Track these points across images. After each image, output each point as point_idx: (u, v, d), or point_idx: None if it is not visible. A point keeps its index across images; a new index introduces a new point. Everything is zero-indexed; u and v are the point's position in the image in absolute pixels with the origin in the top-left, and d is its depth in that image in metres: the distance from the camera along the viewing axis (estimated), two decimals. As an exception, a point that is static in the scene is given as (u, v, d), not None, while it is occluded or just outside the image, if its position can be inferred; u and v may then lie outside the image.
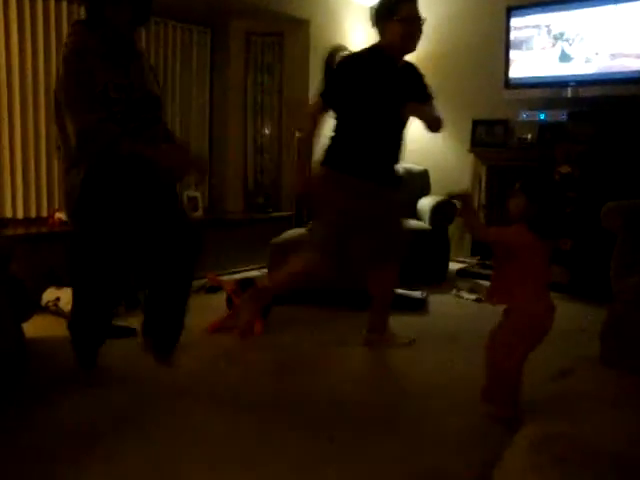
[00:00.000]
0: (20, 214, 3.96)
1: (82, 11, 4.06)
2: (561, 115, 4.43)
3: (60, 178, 2.38)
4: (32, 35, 3.89)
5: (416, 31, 2.86)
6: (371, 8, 2.91)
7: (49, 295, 3.58)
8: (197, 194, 4.84)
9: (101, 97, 2.32)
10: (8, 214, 3.91)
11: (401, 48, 2.86)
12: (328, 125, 2.92)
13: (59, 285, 3.63)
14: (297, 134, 3.17)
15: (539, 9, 4.69)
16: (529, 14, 4.75)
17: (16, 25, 3.82)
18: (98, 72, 2.32)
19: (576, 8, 4.48)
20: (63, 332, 2.67)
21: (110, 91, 2.35)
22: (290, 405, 2.44)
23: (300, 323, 3.50)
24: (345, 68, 2.83)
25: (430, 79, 5.63)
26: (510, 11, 4.83)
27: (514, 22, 4.82)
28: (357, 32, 5.73)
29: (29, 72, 3.90)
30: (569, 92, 4.53)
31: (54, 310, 3.51)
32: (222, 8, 4.69)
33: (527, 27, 4.75)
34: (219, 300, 3.71)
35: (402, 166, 5.30)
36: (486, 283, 3.77)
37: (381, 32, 2.88)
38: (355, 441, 2.14)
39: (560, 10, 4.59)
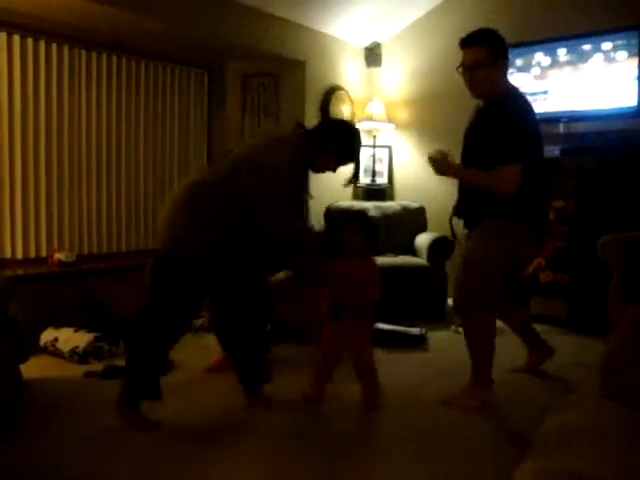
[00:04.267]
0: (19, 254, 3.97)
1: (82, 55, 4.16)
2: (554, 151, 4.49)
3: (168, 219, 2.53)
4: (34, 78, 3.95)
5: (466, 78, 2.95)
6: None
7: (47, 336, 3.57)
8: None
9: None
10: (7, 254, 3.91)
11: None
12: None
13: (57, 325, 3.62)
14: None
15: (527, 49, 4.77)
16: (516, 55, 4.81)
17: (19, 68, 3.88)
18: None
19: (562, 47, 4.59)
20: (61, 372, 2.67)
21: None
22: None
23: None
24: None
25: (426, 118, 5.78)
26: (502, 50, 4.91)
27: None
28: (352, 73, 5.84)
29: (30, 113, 3.95)
30: (561, 128, 4.61)
31: (52, 350, 3.50)
32: (219, 50, 4.78)
33: (515, 66, 4.82)
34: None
35: (399, 203, 5.38)
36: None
37: None
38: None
39: (545, 50, 4.70)
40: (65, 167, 4.17)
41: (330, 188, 5.55)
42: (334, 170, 2.89)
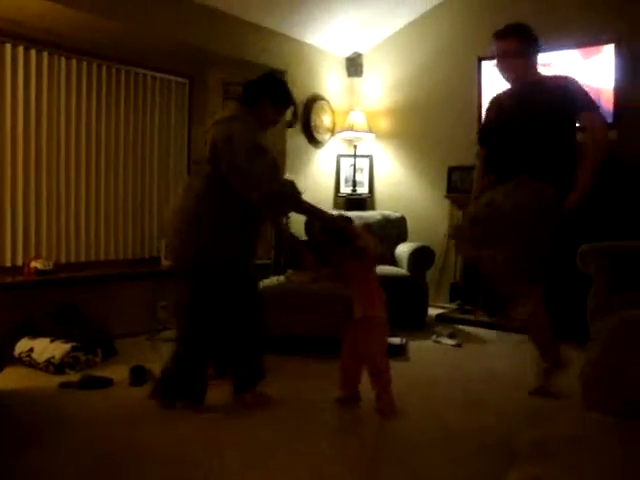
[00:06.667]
0: (-6, 263, 3.90)
1: (62, 62, 4.12)
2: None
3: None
4: (12, 84, 3.90)
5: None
6: None
7: (23, 346, 3.50)
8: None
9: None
10: (-18, 263, 3.85)
11: None
12: None
13: (33, 336, 3.56)
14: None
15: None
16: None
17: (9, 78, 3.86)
18: None
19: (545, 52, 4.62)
20: (36, 383, 2.61)
21: None
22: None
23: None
24: None
25: (407, 128, 5.80)
26: (481, 60, 4.96)
27: (485, 71, 4.94)
28: (334, 82, 5.85)
29: (7, 120, 3.90)
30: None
31: (27, 361, 3.43)
32: (200, 58, 4.77)
33: (498, 75, 4.85)
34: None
35: (379, 213, 5.38)
36: (466, 328, 3.80)
37: None
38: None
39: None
40: (43, 174, 4.11)
41: (312, 197, 5.54)
42: (277, 120, 3.05)
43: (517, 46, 3.04)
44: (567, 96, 2.96)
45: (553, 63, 4.54)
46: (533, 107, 3.02)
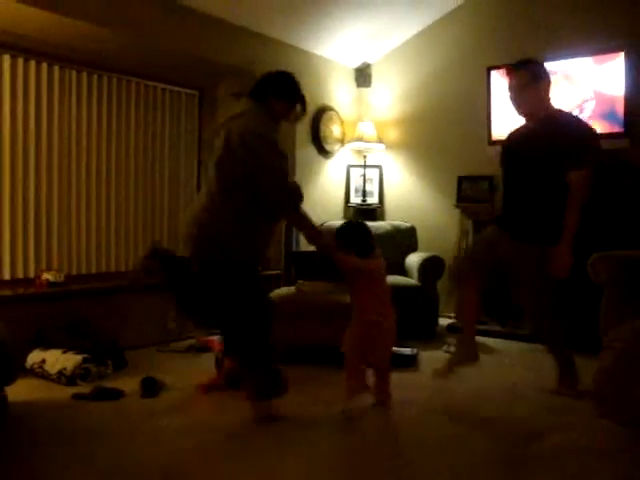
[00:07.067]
0: (7, 275, 3.92)
1: (73, 75, 4.16)
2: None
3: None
4: (24, 97, 3.94)
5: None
6: None
7: (35, 357, 3.52)
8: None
9: None
10: (-5, 275, 3.88)
11: None
12: None
13: (45, 347, 3.57)
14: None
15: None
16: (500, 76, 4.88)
17: (9, 87, 3.87)
18: None
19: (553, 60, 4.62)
20: (48, 395, 2.62)
21: None
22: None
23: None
24: None
25: (416, 138, 5.80)
26: (490, 70, 4.97)
27: (494, 81, 4.95)
28: (343, 93, 5.87)
29: (19, 132, 3.93)
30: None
31: (39, 373, 3.44)
32: (210, 70, 4.79)
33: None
34: (209, 360, 3.65)
35: (389, 223, 5.38)
36: (476, 338, 3.76)
37: None
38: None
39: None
40: (54, 187, 4.14)
41: (322, 207, 5.57)
42: (288, 114, 3.04)
43: (528, 78, 3.13)
44: (563, 146, 3.00)
45: (566, 71, 4.54)
46: (533, 147, 3.12)
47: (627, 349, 2.72)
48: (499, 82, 4.93)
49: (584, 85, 4.54)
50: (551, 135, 3.05)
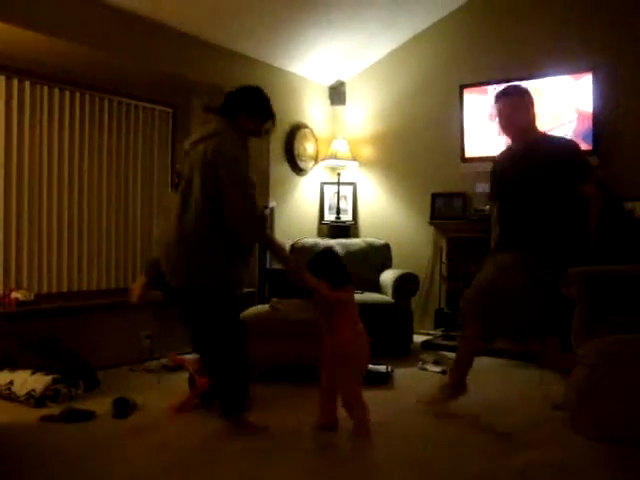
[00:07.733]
0: (-26, 295, 3.85)
1: (44, 91, 4.12)
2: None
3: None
4: (7, 116, 3.90)
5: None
6: None
7: (2, 379, 3.43)
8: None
9: None
10: (-38, 295, 3.79)
11: None
12: None
13: (13, 368, 3.49)
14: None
15: (489, 87, 4.89)
16: (480, 91, 4.96)
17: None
18: None
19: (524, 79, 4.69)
20: (16, 417, 2.56)
21: None
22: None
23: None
24: None
25: (389, 155, 5.84)
26: (462, 88, 5.03)
27: (467, 99, 5.01)
28: (317, 110, 5.90)
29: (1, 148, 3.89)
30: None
31: (7, 395, 3.36)
32: (184, 87, 4.78)
33: (480, 103, 4.94)
34: (182, 379, 3.59)
35: (363, 240, 5.39)
36: (451, 355, 3.78)
37: None
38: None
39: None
40: (24, 204, 4.08)
41: (296, 225, 5.57)
42: (260, 132, 3.04)
43: (515, 101, 3.25)
44: (567, 162, 3.12)
45: (542, 89, 4.61)
46: (533, 167, 3.18)
47: (596, 365, 2.75)
48: (472, 100, 4.99)
49: (558, 103, 4.61)
50: (551, 153, 3.15)
